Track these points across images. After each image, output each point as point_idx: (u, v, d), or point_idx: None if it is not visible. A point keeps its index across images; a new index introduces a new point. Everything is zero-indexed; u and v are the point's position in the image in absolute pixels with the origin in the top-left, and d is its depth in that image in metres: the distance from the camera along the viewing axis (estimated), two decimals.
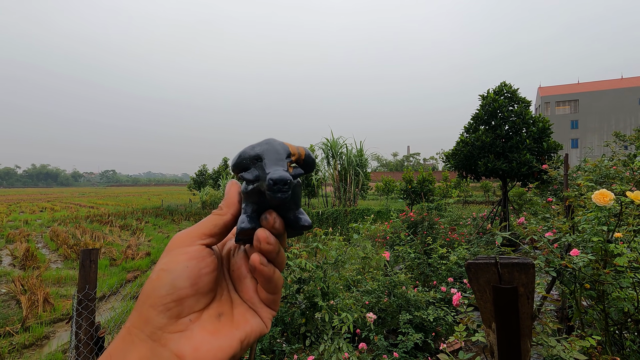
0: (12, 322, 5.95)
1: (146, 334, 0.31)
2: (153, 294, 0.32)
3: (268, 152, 0.36)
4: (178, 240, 0.36)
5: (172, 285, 0.32)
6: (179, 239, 0.36)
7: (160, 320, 0.31)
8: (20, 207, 31.15)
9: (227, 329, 0.35)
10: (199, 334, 0.33)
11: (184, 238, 0.36)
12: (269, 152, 0.36)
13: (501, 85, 9.42)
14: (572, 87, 52.76)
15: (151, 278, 0.33)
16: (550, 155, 8.52)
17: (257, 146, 0.36)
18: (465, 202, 27.55)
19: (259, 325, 0.37)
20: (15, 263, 10.05)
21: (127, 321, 0.33)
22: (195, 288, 0.33)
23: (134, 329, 0.32)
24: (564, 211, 3.72)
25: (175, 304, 0.32)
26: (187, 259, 0.34)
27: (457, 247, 5.68)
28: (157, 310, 0.31)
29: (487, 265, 1.29)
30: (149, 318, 0.31)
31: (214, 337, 0.33)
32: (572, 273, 2.13)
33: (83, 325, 2.74)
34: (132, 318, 0.33)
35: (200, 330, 0.33)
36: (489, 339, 1.35)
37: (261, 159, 0.35)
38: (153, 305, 0.32)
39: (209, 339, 0.33)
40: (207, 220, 0.37)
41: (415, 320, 3.62)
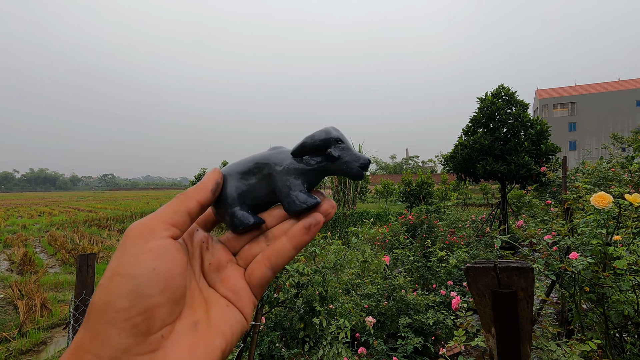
0: (9, 327, 5.90)
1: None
2: (110, 306, 0.25)
3: (343, 137, 0.40)
4: (135, 232, 0.28)
5: (137, 294, 0.25)
6: (136, 231, 0.28)
7: (124, 341, 0.24)
8: (18, 212, 31.03)
9: (206, 339, 0.29)
10: (174, 353, 0.26)
11: (142, 230, 0.28)
12: (344, 137, 0.40)
13: (499, 88, 9.46)
14: (570, 90, 53.01)
15: (103, 285, 0.26)
16: (549, 157, 8.55)
17: (322, 133, 0.39)
18: (464, 205, 27.58)
19: (239, 323, 0.32)
20: (12, 268, 10.00)
21: (72, 343, 0.25)
22: (167, 295, 0.27)
23: (86, 355, 0.24)
24: (563, 214, 3.72)
25: (143, 317, 0.25)
26: (154, 258, 0.27)
27: (457, 250, 5.67)
28: (118, 327, 0.24)
29: (486, 270, 1.28)
30: (107, 338, 0.24)
31: (191, 353, 0.27)
32: (571, 276, 2.13)
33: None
34: (82, 339, 0.25)
35: (175, 348, 0.27)
36: (488, 343, 1.34)
37: (342, 142, 0.39)
38: (112, 322, 0.24)
39: (186, 356, 0.27)
40: (168, 206, 0.31)
41: (415, 324, 3.60)
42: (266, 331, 3.21)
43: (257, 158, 0.39)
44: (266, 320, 3.24)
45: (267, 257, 0.35)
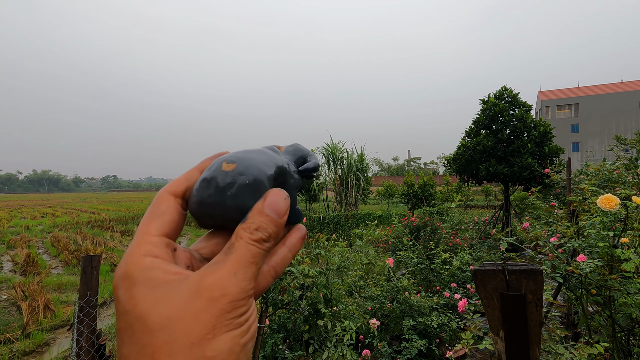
0: (12, 328, 5.92)
1: None
2: None
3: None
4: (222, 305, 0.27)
5: None
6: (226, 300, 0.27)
7: None
8: (21, 213, 31.16)
9: None
10: None
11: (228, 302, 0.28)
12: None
13: (502, 89, 9.45)
14: (573, 91, 52.87)
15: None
16: (552, 159, 8.52)
17: (316, 160, 0.41)
18: (466, 207, 27.51)
19: None
20: (16, 269, 10.03)
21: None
22: None
23: None
24: (568, 216, 3.70)
25: None
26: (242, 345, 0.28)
27: (460, 252, 5.65)
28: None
29: (494, 272, 1.27)
30: None
31: None
32: (578, 279, 2.11)
33: (84, 332, 2.72)
34: None
35: None
36: (496, 346, 1.33)
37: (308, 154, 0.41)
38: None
39: None
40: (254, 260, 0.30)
41: (419, 326, 3.59)
42: (270, 333, 3.20)
43: (277, 161, 0.36)
44: (270, 322, 3.23)
45: (273, 268, 0.35)
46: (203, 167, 0.34)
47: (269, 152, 0.36)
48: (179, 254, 0.32)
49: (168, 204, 0.32)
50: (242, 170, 0.31)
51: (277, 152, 0.37)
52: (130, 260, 0.28)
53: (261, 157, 0.34)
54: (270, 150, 0.37)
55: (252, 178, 0.31)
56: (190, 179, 0.33)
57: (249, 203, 0.31)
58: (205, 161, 0.35)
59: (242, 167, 0.31)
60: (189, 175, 0.33)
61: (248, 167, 0.32)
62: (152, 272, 0.27)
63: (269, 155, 0.35)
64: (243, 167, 0.31)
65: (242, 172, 0.31)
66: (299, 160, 0.40)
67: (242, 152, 0.34)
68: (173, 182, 0.33)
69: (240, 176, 0.31)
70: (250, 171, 0.32)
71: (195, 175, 0.33)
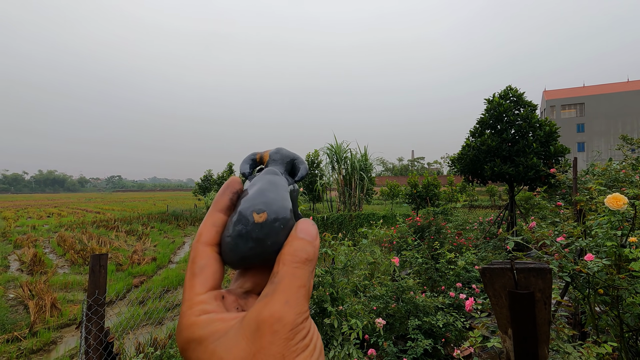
0: (20, 327, 5.98)
1: None
2: None
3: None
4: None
5: None
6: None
7: None
8: (27, 213, 31.45)
9: None
10: None
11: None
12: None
13: (507, 89, 9.39)
14: (578, 91, 52.44)
15: None
16: (558, 159, 8.46)
17: (306, 165, 0.42)
18: (471, 207, 27.39)
19: None
20: (23, 268, 10.13)
21: None
22: None
23: None
24: (574, 215, 3.68)
25: None
26: None
27: (465, 252, 5.63)
28: None
29: (502, 271, 1.28)
30: None
31: None
32: (585, 278, 2.10)
33: (93, 330, 2.74)
34: None
35: None
36: (505, 345, 1.34)
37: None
38: None
39: None
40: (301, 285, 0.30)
41: (424, 326, 3.58)
42: None
43: (286, 187, 0.37)
44: None
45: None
46: (222, 205, 0.34)
47: (277, 180, 0.36)
48: (227, 300, 0.33)
49: (206, 256, 0.32)
50: (275, 217, 0.32)
51: (278, 174, 0.38)
52: (187, 324, 0.29)
53: (278, 193, 0.34)
54: (274, 176, 0.37)
55: (285, 221, 0.32)
56: (217, 222, 0.33)
57: (283, 241, 0.32)
58: (222, 198, 0.35)
59: (273, 214, 0.32)
60: (214, 220, 0.33)
61: (277, 211, 0.32)
62: (212, 325, 0.28)
63: (279, 185, 0.36)
64: (273, 214, 0.32)
65: (275, 218, 0.32)
66: (289, 166, 0.41)
67: (260, 194, 0.34)
68: (203, 231, 0.33)
69: (275, 223, 0.32)
70: (281, 215, 0.32)
71: (220, 219, 0.33)
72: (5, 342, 5.43)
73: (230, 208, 0.34)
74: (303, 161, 0.42)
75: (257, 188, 0.34)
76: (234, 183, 0.36)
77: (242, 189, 0.36)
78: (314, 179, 22.65)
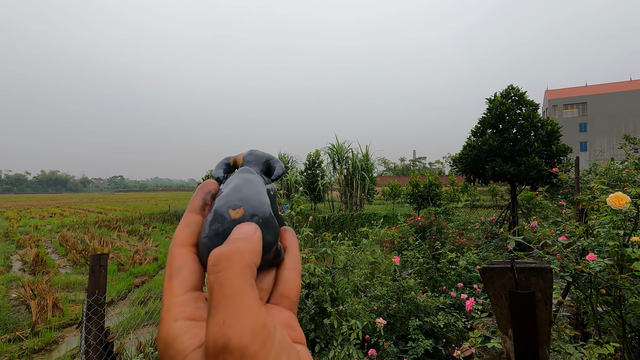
0: (22, 326, 5.99)
1: None
2: None
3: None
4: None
5: None
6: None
7: None
8: (30, 213, 31.56)
9: None
10: None
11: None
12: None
13: (508, 88, 9.37)
14: (580, 90, 52.25)
15: None
16: (560, 158, 8.43)
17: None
18: (472, 207, 27.33)
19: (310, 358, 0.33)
20: (25, 268, 10.16)
21: None
22: None
23: None
24: (576, 215, 3.66)
25: None
26: None
27: (466, 252, 5.61)
28: None
29: (502, 270, 1.26)
30: None
31: None
32: (587, 278, 2.08)
33: (93, 330, 2.74)
34: None
35: None
36: (505, 345, 1.32)
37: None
38: None
39: None
40: (251, 293, 0.25)
41: (425, 326, 3.57)
42: None
43: (262, 185, 0.36)
44: None
45: (294, 268, 0.34)
46: (195, 206, 0.33)
47: (252, 177, 0.36)
48: None
49: (182, 257, 0.30)
50: (252, 212, 0.30)
51: (254, 173, 0.37)
52: (163, 330, 0.27)
53: (254, 189, 0.33)
54: (249, 174, 0.36)
55: (263, 215, 0.31)
56: (191, 223, 0.32)
57: (266, 237, 0.30)
58: (195, 199, 0.33)
59: (250, 209, 0.31)
60: (187, 221, 0.32)
61: (254, 206, 0.31)
62: (185, 336, 0.26)
63: (254, 181, 0.35)
64: (250, 209, 0.31)
65: (252, 214, 0.30)
66: (264, 167, 0.41)
67: (235, 190, 0.32)
68: (177, 234, 0.31)
69: (252, 218, 0.30)
70: (259, 209, 0.31)
71: (194, 220, 0.32)
72: (7, 342, 5.44)
73: (203, 208, 0.33)
74: (278, 160, 0.42)
75: (231, 186, 0.33)
76: (207, 184, 0.35)
77: (217, 189, 0.35)
78: (315, 179, 22.65)
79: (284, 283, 0.34)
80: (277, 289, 0.34)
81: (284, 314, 0.32)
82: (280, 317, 0.32)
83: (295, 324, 0.32)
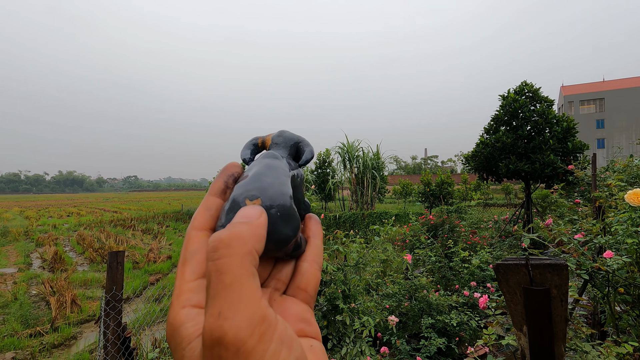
0: (42, 322, 6.18)
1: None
2: None
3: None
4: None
5: None
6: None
7: None
8: (48, 212, 32.43)
9: None
10: None
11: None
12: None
13: (522, 84, 9.20)
14: (597, 85, 50.93)
15: None
16: (576, 155, 8.24)
17: (312, 148, 0.40)
18: (485, 205, 26.94)
19: (324, 353, 0.32)
20: (44, 265, 10.46)
21: None
22: None
23: None
24: (593, 213, 3.58)
25: None
26: None
27: (480, 250, 5.55)
28: None
29: (517, 267, 1.26)
30: None
31: None
32: (605, 276, 2.05)
33: (111, 325, 2.82)
34: None
35: None
36: (520, 342, 1.31)
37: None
38: None
39: None
40: (249, 282, 0.24)
41: (438, 324, 3.55)
42: None
43: (286, 172, 0.34)
44: None
45: (314, 261, 0.34)
46: (217, 189, 0.32)
47: (276, 163, 0.34)
48: None
49: (198, 241, 0.29)
50: (270, 204, 0.29)
51: (278, 158, 0.35)
52: (171, 317, 0.26)
53: (276, 178, 0.31)
54: (274, 159, 0.34)
55: (283, 208, 0.29)
56: (210, 206, 0.31)
57: (284, 230, 0.29)
58: (217, 182, 0.32)
59: (268, 200, 0.29)
60: (207, 204, 0.31)
61: (273, 197, 0.29)
62: (189, 323, 0.25)
63: (278, 169, 0.33)
64: (268, 200, 0.29)
65: (270, 205, 0.29)
66: (292, 150, 0.38)
67: (255, 178, 0.31)
68: (196, 216, 0.30)
69: (270, 210, 0.28)
70: (278, 201, 0.29)
71: (214, 203, 0.31)
72: (29, 337, 5.62)
73: (224, 191, 0.32)
74: (308, 144, 0.40)
75: (252, 172, 0.32)
76: (230, 166, 0.34)
77: (240, 173, 0.33)
78: (325, 178, 22.65)
79: (302, 275, 0.33)
80: (295, 281, 0.33)
81: (299, 307, 0.31)
82: (295, 310, 0.31)
83: (310, 318, 0.31)
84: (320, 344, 0.30)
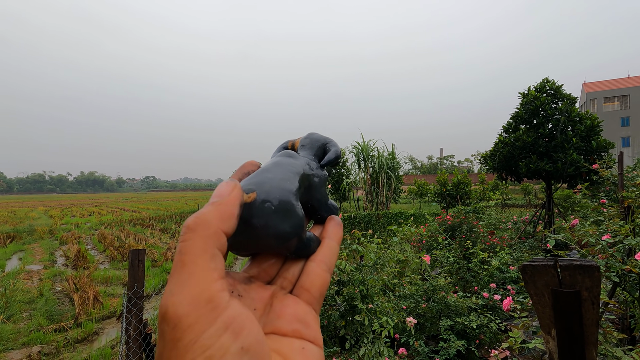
0: (66, 318, 6.38)
1: None
2: None
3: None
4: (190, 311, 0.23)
5: None
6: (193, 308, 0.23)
7: None
8: (71, 212, 33.51)
9: None
10: None
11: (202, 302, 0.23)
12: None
13: (543, 81, 8.95)
14: (622, 82, 49.09)
15: None
16: (600, 154, 7.95)
17: (337, 149, 0.40)
18: (504, 206, 26.36)
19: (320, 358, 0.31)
20: (68, 263, 10.80)
21: None
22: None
23: None
24: (620, 213, 3.44)
25: None
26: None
27: (499, 251, 5.42)
28: None
29: (545, 268, 1.22)
30: None
31: None
32: (636, 279, 1.96)
33: (132, 321, 2.88)
34: None
35: None
36: (548, 346, 1.27)
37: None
38: None
39: None
40: (201, 255, 0.24)
41: (457, 326, 3.48)
42: None
43: (296, 168, 0.33)
44: None
45: (322, 261, 0.33)
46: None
47: (285, 160, 0.34)
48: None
49: None
50: (264, 197, 0.28)
51: (293, 157, 0.35)
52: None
53: (279, 173, 0.31)
54: (286, 157, 0.34)
55: (277, 201, 0.29)
56: None
57: (281, 226, 0.28)
58: (233, 178, 0.32)
59: (263, 194, 0.28)
60: None
61: (269, 191, 0.29)
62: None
63: (285, 165, 0.33)
64: (264, 193, 0.28)
65: (265, 198, 0.28)
66: (319, 152, 0.39)
67: (258, 174, 0.31)
68: None
69: (264, 204, 0.28)
70: (273, 195, 0.29)
71: None
72: (54, 332, 5.81)
73: None
74: (335, 144, 0.40)
75: (260, 169, 0.32)
76: (247, 164, 0.35)
77: (255, 170, 0.34)
78: (340, 178, 22.61)
79: (307, 275, 0.33)
80: (300, 281, 0.33)
81: (300, 307, 0.31)
82: (293, 310, 0.30)
83: (310, 320, 0.30)
84: (318, 349, 0.29)
